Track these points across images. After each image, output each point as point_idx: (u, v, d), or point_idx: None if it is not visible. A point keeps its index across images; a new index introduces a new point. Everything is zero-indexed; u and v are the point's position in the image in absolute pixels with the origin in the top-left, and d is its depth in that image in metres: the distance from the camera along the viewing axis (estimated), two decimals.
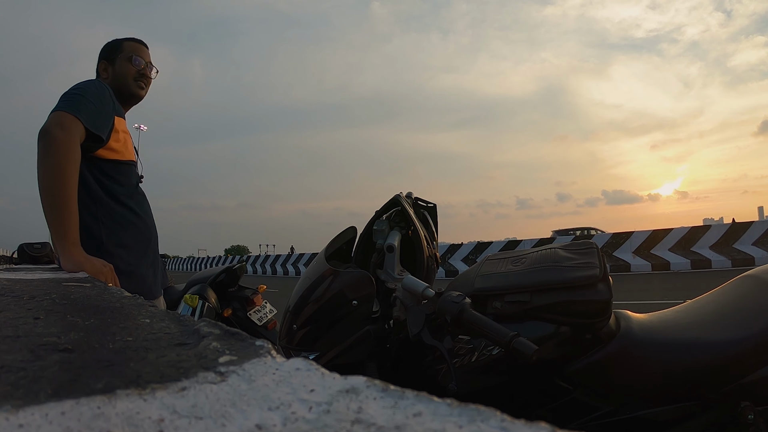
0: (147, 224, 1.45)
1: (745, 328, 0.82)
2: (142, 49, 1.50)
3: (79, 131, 1.18)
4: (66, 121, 1.16)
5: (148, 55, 1.51)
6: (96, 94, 1.27)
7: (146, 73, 1.49)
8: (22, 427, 0.20)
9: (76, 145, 1.17)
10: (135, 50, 1.47)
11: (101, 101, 1.27)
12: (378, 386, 0.24)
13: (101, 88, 1.31)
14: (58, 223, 1.13)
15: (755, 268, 0.96)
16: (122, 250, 1.34)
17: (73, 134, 1.16)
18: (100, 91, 1.29)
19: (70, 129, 1.16)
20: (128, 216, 1.38)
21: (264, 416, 0.21)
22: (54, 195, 1.13)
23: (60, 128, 1.15)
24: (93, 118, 1.22)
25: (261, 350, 0.32)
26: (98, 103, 1.26)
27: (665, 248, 8.89)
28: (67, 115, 1.17)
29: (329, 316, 0.95)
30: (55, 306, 0.56)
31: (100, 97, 1.28)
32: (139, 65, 1.46)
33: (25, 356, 0.32)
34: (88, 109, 1.22)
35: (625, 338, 0.84)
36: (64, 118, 1.17)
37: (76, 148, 1.16)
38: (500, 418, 0.19)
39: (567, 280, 0.81)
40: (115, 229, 1.34)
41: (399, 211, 1.08)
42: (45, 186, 1.13)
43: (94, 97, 1.25)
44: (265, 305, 2.78)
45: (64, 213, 1.13)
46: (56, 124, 1.15)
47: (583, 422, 0.82)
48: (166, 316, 0.47)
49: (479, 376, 0.83)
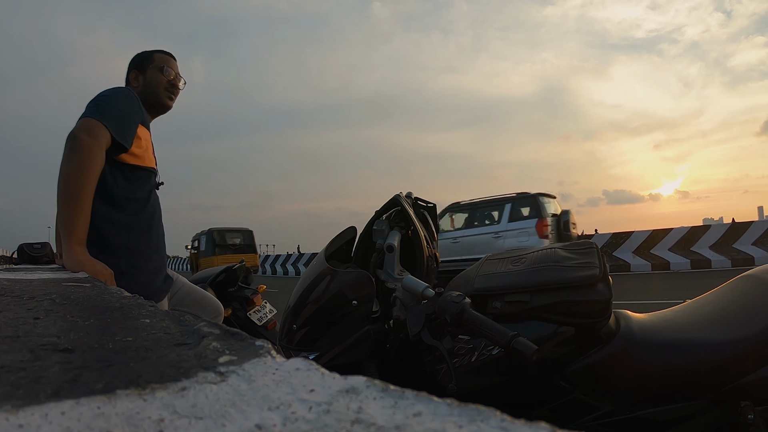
0: (157, 230, 1.48)
1: (745, 328, 0.82)
2: (171, 60, 1.56)
3: (105, 137, 1.24)
4: (93, 128, 1.22)
5: (177, 66, 1.57)
6: (124, 102, 1.32)
7: (176, 83, 1.54)
8: (22, 427, 0.20)
9: (100, 150, 1.22)
10: (166, 62, 1.53)
11: (128, 109, 1.32)
12: (378, 386, 0.24)
13: (129, 96, 1.36)
14: (68, 220, 1.17)
15: (755, 268, 0.96)
16: (127, 252, 1.36)
17: (98, 140, 1.22)
18: (128, 100, 1.34)
19: (97, 135, 1.22)
20: (139, 220, 1.41)
21: (264, 416, 0.21)
22: (70, 192, 1.17)
23: (87, 133, 1.21)
24: (119, 125, 1.27)
25: (261, 350, 0.32)
26: (125, 110, 1.31)
27: (665, 248, 8.89)
28: (95, 122, 1.23)
29: (329, 316, 0.95)
30: (55, 306, 0.56)
31: (128, 105, 1.33)
32: (169, 75, 1.52)
33: (25, 356, 0.32)
34: (115, 117, 1.27)
35: (625, 338, 0.84)
36: (92, 124, 1.23)
37: (100, 152, 1.22)
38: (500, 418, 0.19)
39: (567, 280, 0.81)
40: (123, 230, 1.37)
41: (399, 211, 1.08)
42: (63, 183, 1.18)
43: (121, 105, 1.31)
44: (265, 305, 2.78)
45: (75, 211, 1.17)
46: (84, 129, 1.22)
47: (583, 422, 0.82)
48: (166, 316, 0.47)
49: (479, 376, 0.83)
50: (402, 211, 1.06)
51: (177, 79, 1.55)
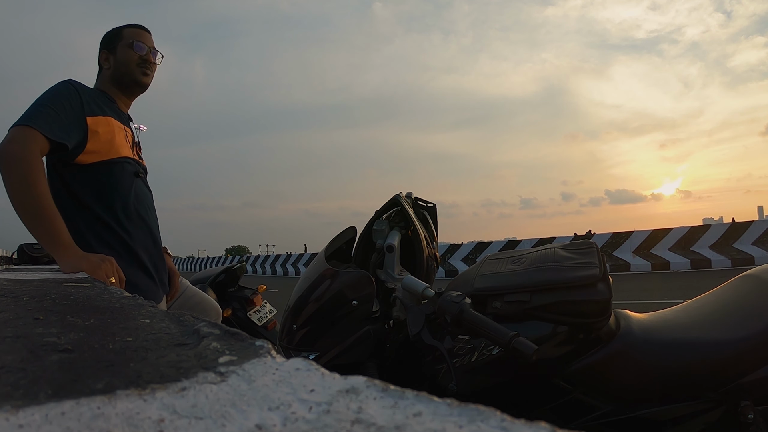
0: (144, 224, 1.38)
1: (745, 328, 0.82)
2: (143, 34, 1.43)
3: (37, 140, 1.14)
4: (18, 135, 1.13)
5: (150, 40, 1.45)
6: (56, 99, 1.21)
7: (149, 58, 1.42)
8: (22, 427, 0.20)
9: (33, 154, 1.12)
10: (136, 36, 1.41)
11: (62, 107, 1.21)
12: (378, 386, 0.24)
13: (64, 91, 1.25)
14: (43, 233, 1.10)
15: (755, 268, 0.96)
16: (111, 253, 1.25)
17: (27, 144, 1.12)
18: (62, 97, 1.23)
19: (22, 141, 1.12)
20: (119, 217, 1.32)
21: (264, 416, 0.21)
22: (27, 210, 1.10)
23: (12, 143, 1.12)
24: (51, 125, 1.17)
25: (261, 350, 0.32)
26: (60, 107, 1.20)
27: (665, 248, 8.89)
28: (20, 128, 1.14)
29: (329, 316, 0.95)
30: (55, 306, 0.56)
31: (62, 101, 1.22)
32: (141, 50, 1.40)
33: (25, 356, 0.32)
34: (44, 118, 1.16)
35: (625, 338, 0.84)
36: (17, 132, 1.14)
37: (33, 157, 1.12)
38: (500, 418, 0.19)
39: (567, 279, 0.81)
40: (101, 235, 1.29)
41: (399, 211, 1.08)
42: (15, 201, 1.10)
43: (53, 103, 1.20)
44: (265, 305, 2.79)
45: (43, 222, 1.10)
46: (8, 140, 1.13)
47: (583, 422, 0.82)
48: (166, 316, 0.47)
49: (479, 376, 0.83)
50: (402, 211, 1.06)
51: (151, 53, 1.42)
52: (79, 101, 1.25)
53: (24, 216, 1.10)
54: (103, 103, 1.34)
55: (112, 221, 1.31)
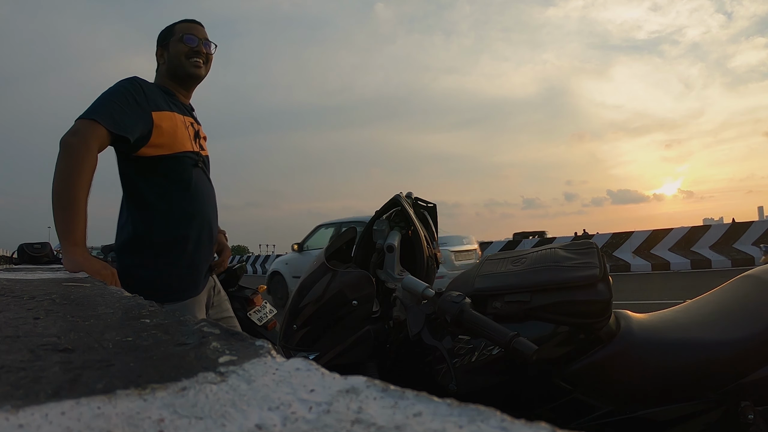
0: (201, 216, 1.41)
1: (745, 328, 0.82)
2: (194, 27, 1.48)
3: (97, 134, 1.20)
4: (80, 127, 1.20)
5: (202, 32, 1.48)
6: (121, 93, 1.27)
7: (201, 49, 1.45)
8: (22, 427, 0.20)
9: (89, 148, 1.19)
10: (187, 29, 1.46)
11: (126, 102, 1.27)
12: (378, 386, 0.24)
13: (128, 86, 1.31)
14: (63, 224, 1.15)
15: (755, 268, 0.96)
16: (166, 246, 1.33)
17: (86, 138, 1.19)
18: (127, 92, 1.29)
19: (84, 134, 1.19)
20: (179, 209, 1.36)
21: (264, 416, 0.21)
22: (62, 196, 1.16)
23: (72, 135, 1.19)
24: (114, 118, 1.23)
25: (261, 350, 0.32)
26: (124, 102, 1.26)
27: (665, 248, 8.89)
28: (84, 121, 1.20)
29: (329, 316, 0.95)
30: (55, 306, 0.56)
31: (127, 95, 1.28)
32: (192, 42, 1.44)
33: (25, 356, 0.32)
34: (109, 112, 1.23)
35: (625, 338, 0.84)
36: (80, 124, 1.20)
37: (88, 151, 1.18)
38: (500, 418, 0.19)
39: (567, 280, 0.81)
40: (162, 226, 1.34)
41: (399, 211, 1.08)
42: (54, 188, 1.16)
43: (117, 97, 1.26)
44: (265, 305, 2.79)
45: (69, 214, 1.15)
46: (71, 131, 1.19)
47: (583, 422, 0.82)
48: (167, 316, 0.47)
49: (479, 376, 0.83)
50: (402, 211, 1.06)
51: (202, 44, 1.46)
52: (144, 97, 1.31)
53: (57, 203, 1.17)
54: (164, 97, 1.40)
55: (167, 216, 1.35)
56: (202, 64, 1.47)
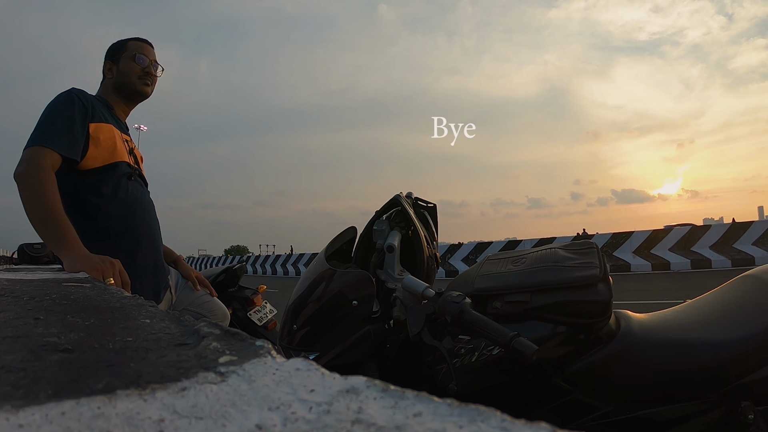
0: (143, 224, 1.41)
1: (745, 328, 0.82)
2: (145, 47, 1.52)
3: (49, 157, 1.21)
4: (29, 156, 1.21)
5: (152, 53, 1.53)
6: (62, 115, 1.27)
7: (150, 71, 1.50)
8: (22, 427, 0.20)
9: (45, 171, 1.19)
10: (138, 49, 1.49)
11: (70, 120, 1.28)
12: (378, 386, 0.24)
13: (67, 102, 1.30)
14: (53, 239, 1.15)
15: (755, 268, 0.96)
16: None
17: (39, 163, 1.19)
18: (67, 110, 1.29)
19: (34, 159, 1.20)
20: (113, 224, 1.36)
21: (264, 416, 0.21)
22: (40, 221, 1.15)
23: (25, 164, 1.19)
24: (62, 141, 1.24)
25: (261, 350, 0.32)
26: (67, 123, 1.27)
27: (665, 248, 8.89)
28: (33, 149, 1.22)
29: (329, 316, 0.95)
30: (55, 306, 0.56)
31: (68, 116, 1.28)
32: (143, 63, 1.48)
33: (25, 356, 0.32)
34: (56, 135, 1.24)
35: (625, 338, 0.84)
36: (29, 153, 1.21)
37: (45, 174, 1.18)
38: (500, 418, 0.19)
39: (567, 280, 0.81)
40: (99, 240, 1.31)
41: (399, 211, 1.08)
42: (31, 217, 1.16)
43: (60, 119, 1.27)
44: (265, 305, 2.78)
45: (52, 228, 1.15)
46: (22, 161, 1.20)
47: (583, 422, 0.82)
48: (166, 316, 0.47)
49: (479, 376, 0.83)
50: (402, 211, 1.06)
51: (152, 66, 1.51)
52: (83, 110, 1.32)
53: (36, 226, 1.17)
54: (104, 110, 1.42)
55: (112, 222, 1.35)
56: (150, 84, 1.52)
